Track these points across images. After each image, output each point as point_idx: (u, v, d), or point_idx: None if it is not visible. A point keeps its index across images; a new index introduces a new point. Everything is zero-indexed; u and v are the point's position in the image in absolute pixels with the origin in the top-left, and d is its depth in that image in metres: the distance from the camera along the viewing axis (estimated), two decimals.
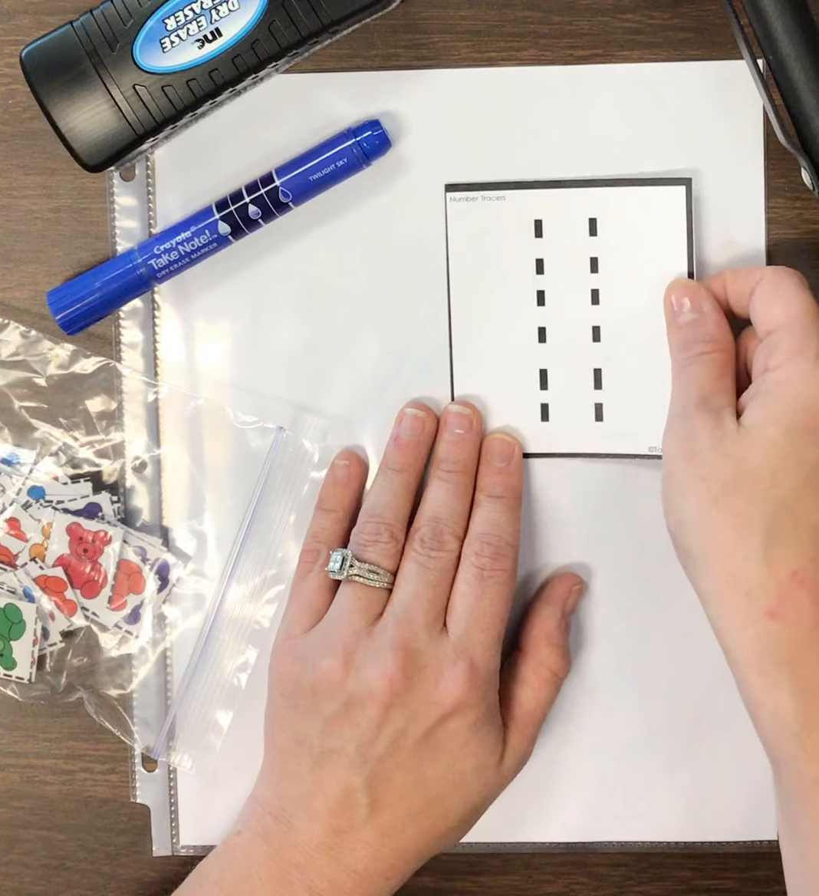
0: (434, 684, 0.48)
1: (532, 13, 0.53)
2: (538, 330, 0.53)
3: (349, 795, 0.48)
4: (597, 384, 0.53)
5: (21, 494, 0.54)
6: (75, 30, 0.50)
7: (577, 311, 0.53)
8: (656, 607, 0.54)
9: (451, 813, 0.49)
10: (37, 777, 0.57)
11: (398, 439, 0.53)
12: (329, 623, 0.50)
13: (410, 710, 0.48)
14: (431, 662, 0.49)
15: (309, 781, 0.49)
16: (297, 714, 0.50)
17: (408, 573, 0.50)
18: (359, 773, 0.48)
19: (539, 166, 0.53)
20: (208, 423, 0.55)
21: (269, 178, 0.52)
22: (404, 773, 0.48)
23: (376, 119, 0.52)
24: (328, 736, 0.49)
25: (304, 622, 0.51)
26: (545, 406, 0.54)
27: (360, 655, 0.49)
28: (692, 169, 0.53)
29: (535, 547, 0.54)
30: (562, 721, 0.55)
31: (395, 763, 0.48)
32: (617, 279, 0.53)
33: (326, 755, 0.49)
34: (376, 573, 0.50)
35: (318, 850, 0.49)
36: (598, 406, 0.53)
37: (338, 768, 0.48)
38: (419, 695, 0.48)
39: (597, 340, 0.53)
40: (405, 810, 0.49)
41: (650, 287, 0.52)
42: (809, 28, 0.48)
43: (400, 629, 0.49)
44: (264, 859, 0.49)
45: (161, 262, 0.53)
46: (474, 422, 0.53)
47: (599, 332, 0.53)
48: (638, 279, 0.52)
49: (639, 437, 0.53)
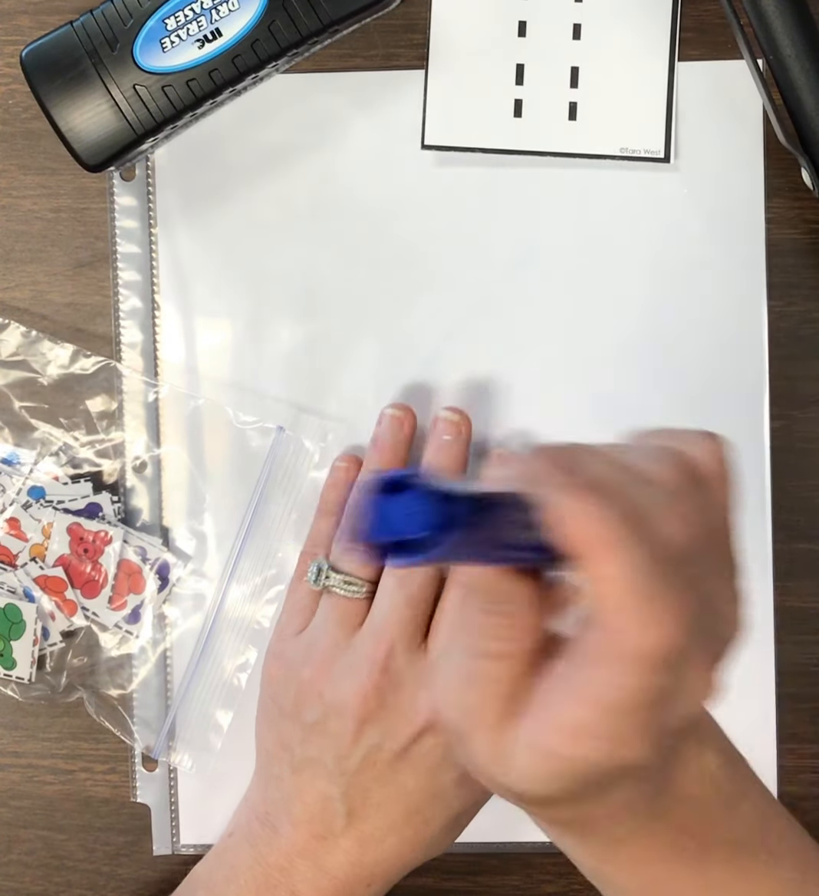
0: (409, 703, 0.48)
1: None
2: (518, 24, 0.52)
3: (327, 805, 0.48)
4: (573, 83, 0.52)
5: (21, 494, 0.54)
6: (75, 30, 0.50)
7: (558, 6, 0.52)
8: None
9: (433, 822, 0.49)
10: (37, 777, 0.57)
11: (376, 441, 0.52)
12: (313, 631, 0.50)
13: (385, 727, 0.48)
14: (407, 681, 0.48)
15: (290, 786, 0.49)
16: (282, 718, 0.50)
17: (386, 587, 0.49)
18: (336, 784, 0.48)
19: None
20: (208, 423, 0.55)
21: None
22: (381, 785, 0.48)
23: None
24: (308, 744, 0.48)
25: (296, 625, 0.51)
26: (519, 102, 0.53)
27: (338, 667, 0.48)
28: (692, 168, 0.53)
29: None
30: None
31: (371, 775, 0.48)
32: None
33: (306, 763, 0.49)
34: (353, 584, 0.49)
35: (300, 856, 0.48)
36: (572, 105, 0.52)
37: (316, 777, 0.48)
38: (394, 712, 0.48)
39: (577, 38, 0.52)
40: (384, 820, 0.48)
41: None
42: (809, 28, 0.48)
43: (376, 646, 0.48)
44: (250, 863, 0.49)
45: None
46: (463, 429, 0.51)
47: (580, 29, 0.52)
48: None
49: (611, 137, 0.52)
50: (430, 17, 0.54)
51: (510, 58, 0.53)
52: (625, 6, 0.52)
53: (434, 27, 0.53)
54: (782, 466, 0.54)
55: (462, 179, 0.54)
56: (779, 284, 0.54)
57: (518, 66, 0.53)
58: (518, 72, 0.53)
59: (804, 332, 0.54)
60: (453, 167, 0.54)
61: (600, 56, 0.52)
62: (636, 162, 0.53)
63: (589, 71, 0.52)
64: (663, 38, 0.52)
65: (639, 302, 0.54)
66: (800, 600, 0.55)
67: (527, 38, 0.53)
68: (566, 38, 0.52)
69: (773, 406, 0.54)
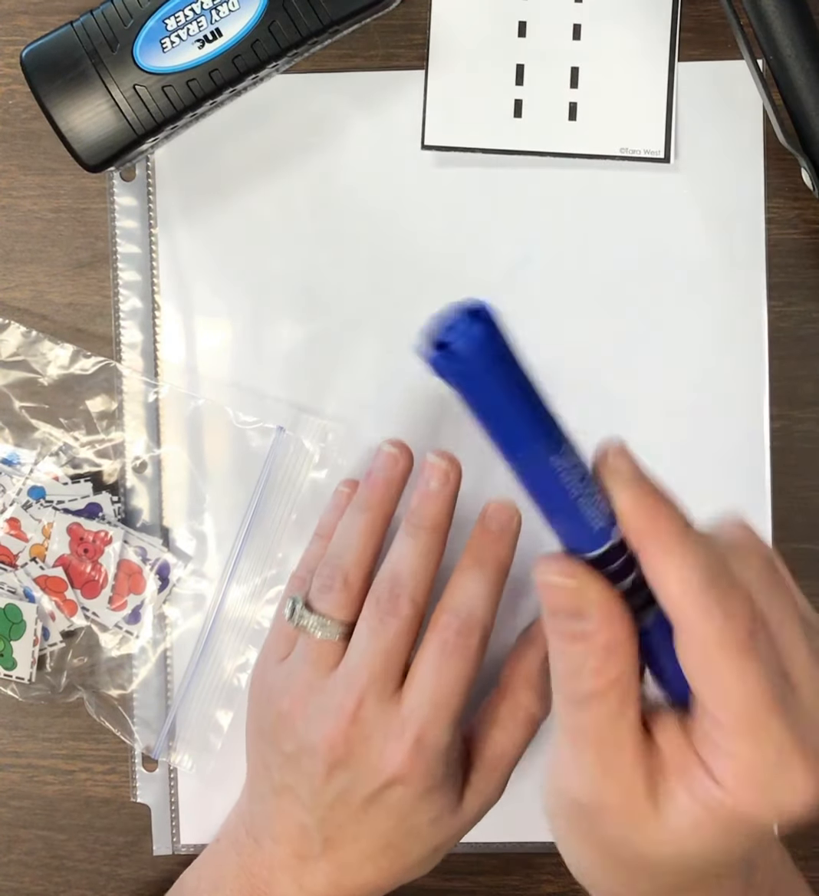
0: (378, 753, 0.46)
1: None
2: (518, 24, 0.52)
3: (304, 831, 0.48)
4: (573, 83, 0.53)
5: (21, 494, 0.54)
6: (75, 30, 0.50)
7: (558, 6, 0.52)
8: None
9: (409, 855, 0.48)
10: (37, 777, 0.57)
11: (369, 476, 0.50)
12: (292, 663, 0.49)
13: (354, 773, 0.47)
14: (376, 732, 0.46)
15: (271, 806, 0.49)
16: (264, 740, 0.49)
17: (360, 634, 0.47)
18: (311, 814, 0.48)
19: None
20: (208, 423, 0.55)
21: None
22: (355, 822, 0.47)
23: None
24: (285, 771, 0.48)
25: (280, 651, 0.50)
26: (519, 102, 0.53)
27: (311, 708, 0.47)
28: (692, 168, 0.53)
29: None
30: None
31: (345, 812, 0.47)
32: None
33: (284, 788, 0.48)
34: (325, 626, 0.47)
35: (281, 870, 0.48)
36: (572, 105, 0.52)
37: (292, 804, 0.48)
38: (362, 761, 0.46)
39: (577, 38, 0.52)
40: (360, 852, 0.48)
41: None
42: (809, 28, 0.48)
43: (347, 695, 0.46)
44: (236, 871, 0.49)
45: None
46: (451, 475, 0.48)
47: (580, 29, 0.52)
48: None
49: (611, 137, 0.52)
50: (430, 17, 0.54)
51: (510, 58, 0.53)
52: (625, 6, 0.52)
53: (434, 27, 0.53)
54: (782, 466, 0.54)
55: (462, 179, 0.54)
56: (779, 284, 0.54)
57: (518, 66, 0.53)
58: (518, 72, 0.53)
59: (804, 332, 0.54)
60: (453, 167, 0.54)
61: (600, 56, 0.52)
62: (636, 162, 0.53)
63: (589, 71, 0.52)
64: (663, 38, 0.52)
65: (638, 302, 0.54)
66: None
67: (527, 38, 0.53)
68: (566, 38, 0.52)
69: (773, 406, 0.54)
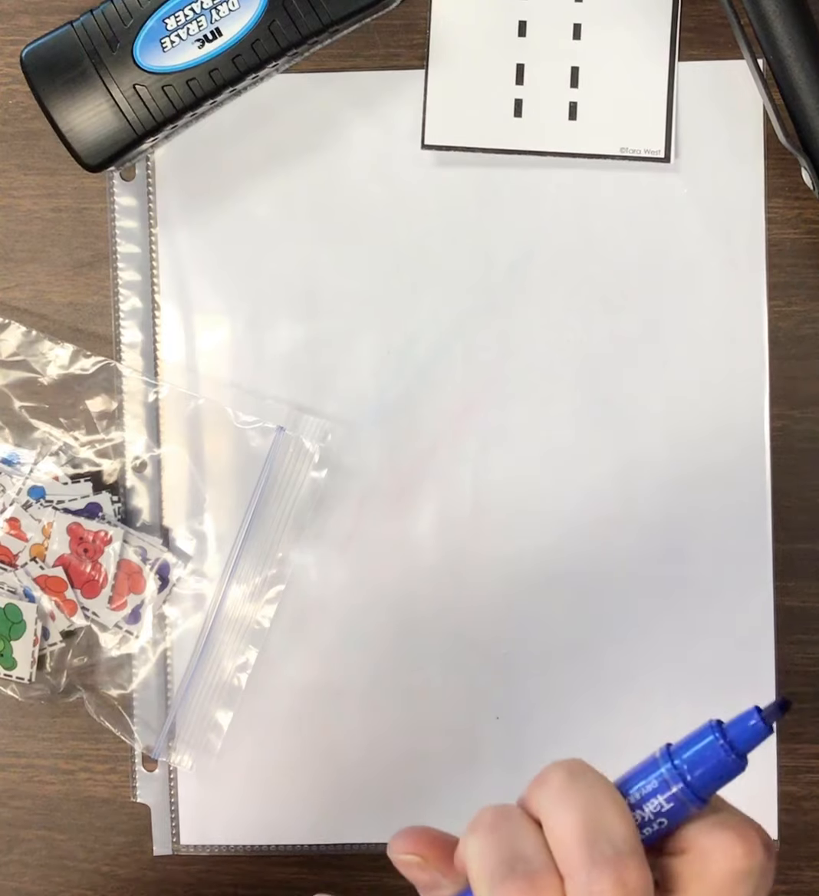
0: None
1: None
2: (518, 24, 0.53)
3: None
4: (573, 83, 0.53)
5: (21, 494, 0.54)
6: (75, 30, 0.50)
7: (558, 6, 0.52)
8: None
9: None
10: (37, 777, 0.57)
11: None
12: None
13: None
14: None
15: None
16: None
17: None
18: None
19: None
20: (208, 423, 0.55)
21: None
22: None
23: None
24: None
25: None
26: (519, 101, 0.53)
27: None
28: (692, 168, 0.53)
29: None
30: (564, 722, 0.55)
31: None
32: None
33: None
34: None
35: None
36: (572, 105, 0.53)
37: None
38: None
39: (577, 38, 0.53)
40: None
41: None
42: (809, 28, 0.48)
43: None
44: None
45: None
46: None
47: (580, 29, 0.53)
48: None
49: (611, 137, 0.52)
50: (430, 17, 0.54)
51: (510, 58, 0.53)
52: (625, 6, 0.52)
53: (434, 27, 0.53)
54: (782, 466, 0.54)
55: (462, 179, 0.54)
56: (779, 284, 0.54)
57: (518, 66, 0.53)
58: (518, 72, 0.53)
59: (804, 332, 0.54)
60: (453, 167, 0.54)
61: (600, 56, 0.52)
62: (636, 162, 0.53)
63: (589, 71, 0.52)
64: (663, 37, 0.52)
65: (638, 302, 0.54)
66: (800, 600, 0.55)
67: (527, 38, 0.53)
68: (566, 38, 0.52)
69: (773, 406, 0.54)
